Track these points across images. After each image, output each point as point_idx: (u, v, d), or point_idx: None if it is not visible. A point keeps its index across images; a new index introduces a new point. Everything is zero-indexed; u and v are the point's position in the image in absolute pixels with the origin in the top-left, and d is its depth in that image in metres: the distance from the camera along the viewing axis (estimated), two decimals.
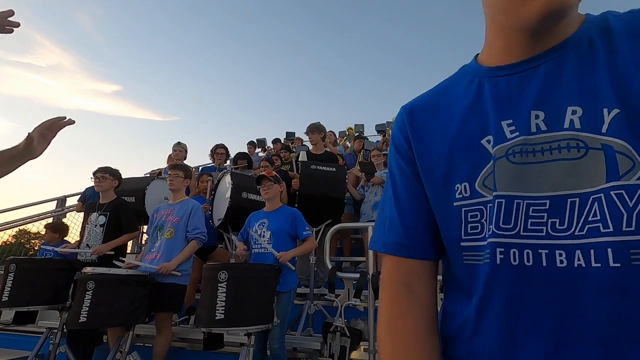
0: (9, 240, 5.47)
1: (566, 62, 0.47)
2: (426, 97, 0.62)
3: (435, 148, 0.55)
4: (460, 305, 0.53)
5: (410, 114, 0.61)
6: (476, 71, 0.56)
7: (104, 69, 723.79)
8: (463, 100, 0.55)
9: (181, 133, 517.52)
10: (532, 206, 0.44)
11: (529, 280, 0.43)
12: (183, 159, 4.80)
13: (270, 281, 2.40)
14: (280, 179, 2.94)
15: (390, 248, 0.60)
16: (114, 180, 3.29)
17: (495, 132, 0.49)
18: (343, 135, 8.19)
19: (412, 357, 0.53)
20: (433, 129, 0.57)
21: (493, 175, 0.48)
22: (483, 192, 0.49)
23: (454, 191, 0.52)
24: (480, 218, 0.49)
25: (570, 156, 0.43)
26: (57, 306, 2.86)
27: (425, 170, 0.56)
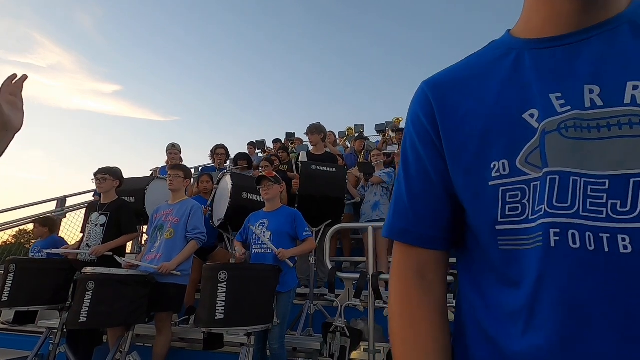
0: (9, 240, 5.48)
1: (621, 36, 0.43)
2: (453, 71, 0.56)
3: (467, 124, 0.50)
4: (504, 297, 0.47)
5: (435, 88, 0.55)
6: (512, 43, 0.51)
7: (104, 69, 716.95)
8: (499, 73, 0.50)
9: (181, 133, 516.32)
10: (590, 185, 0.40)
11: (590, 267, 0.39)
12: (178, 160, 4.79)
13: (270, 281, 2.40)
14: (280, 179, 2.94)
15: (398, 234, 0.57)
16: (114, 180, 3.29)
17: (542, 106, 0.45)
18: (343, 136, 8.19)
19: (423, 349, 0.51)
20: (463, 104, 0.52)
21: (540, 151, 0.43)
22: (526, 170, 0.44)
23: (489, 170, 0.47)
24: (522, 198, 0.44)
25: (633, 133, 0.39)
26: (57, 306, 2.86)
27: (453, 150, 0.51)
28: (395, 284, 0.57)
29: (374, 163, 4.25)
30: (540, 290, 0.42)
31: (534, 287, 0.42)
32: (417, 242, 0.55)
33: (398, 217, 0.57)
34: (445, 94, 0.54)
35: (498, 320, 0.47)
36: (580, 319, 0.39)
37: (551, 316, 0.41)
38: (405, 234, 0.56)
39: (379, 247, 3.63)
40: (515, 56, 0.50)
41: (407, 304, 0.55)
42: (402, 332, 0.54)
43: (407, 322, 0.54)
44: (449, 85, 0.55)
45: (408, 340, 0.53)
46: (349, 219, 4.36)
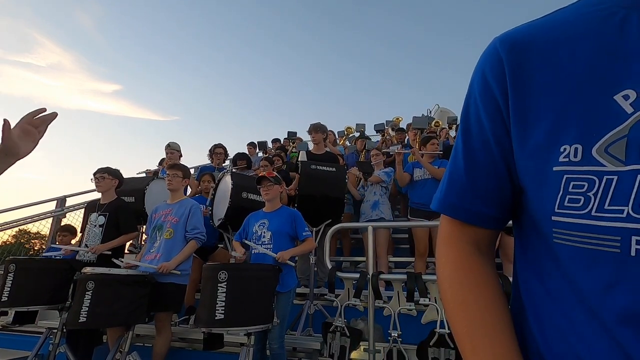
0: (9, 240, 5.48)
1: None
2: (537, 28, 0.46)
3: (544, 97, 0.43)
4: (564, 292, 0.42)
5: (511, 49, 0.46)
6: (621, 1, 0.41)
7: (104, 69, 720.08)
8: (594, 37, 0.41)
9: (181, 133, 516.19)
10: None
11: None
12: (177, 159, 4.76)
13: (270, 281, 2.40)
14: (280, 179, 2.94)
15: (450, 209, 0.53)
16: (113, 179, 3.29)
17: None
18: (342, 135, 8.19)
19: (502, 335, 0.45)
20: (544, 72, 0.43)
21: (628, 142, 0.36)
22: (602, 160, 0.38)
23: (558, 153, 0.40)
24: (588, 190, 0.38)
25: None
26: (57, 306, 2.86)
27: (522, 125, 0.44)
28: (449, 251, 0.53)
29: (374, 163, 4.25)
30: (605, 301, 0.37)
31: (600, 296, 0.38)
32: (473, 220, 0.51)
33: (454, 192, 0.52)
34: (523, 57, 0.45)
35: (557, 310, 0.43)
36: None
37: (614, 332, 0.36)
38: (460, 211, 0.52)
39: (379, 247, 3.63)
40: (622, 17, 0.40)
41: (467, 270, 0.50)
42: (461, 296, 0.49)
43: (466, 288, 0.49)
44: (529, 46, 0.45)
45: (469, 303, 0.48)
46: (349, 218, 4.36)
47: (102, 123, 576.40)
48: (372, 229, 2.74)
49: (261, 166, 4.94)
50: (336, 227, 3.01)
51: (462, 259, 0.51)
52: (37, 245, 7.31)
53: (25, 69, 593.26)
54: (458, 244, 0.52)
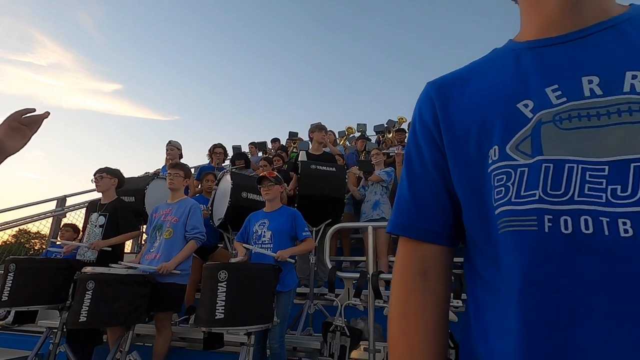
0: (9, 240, 5.48)
1: (619, 32, 0.46)
2: (456, 73, 0.59)
3: (468, 117, 0.52)
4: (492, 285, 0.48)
5: (438, 88, 0.58)
6: (512, 47, 0.54)
7: (105, 68, 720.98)
8: (499, 68, 0.53)
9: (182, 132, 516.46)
10: (589, 171, 0.41)
11: (587, 251, 0.39)
12: (177, 157, 4.75)
13: (270, 281, 2.40)
14: (281, 179, 2.95)
15: (401, 230, 0.58)
16: (112, 178, 3.28)
17: (537, 98, 0.47)
18: (343, 135, 8.19)
19: (424, 347, 0.53)
20: (464, 97, 0.54)
21: (532, 139, 0.45)
22: (514, 156, 0.46)
23: (487, 157, 0.49)
24: (507, 181, 0.45)
25: (632, 120, 0.40)
26: (57, 306, 2.86)
27: (453, 143, 0.53)
28: (395, 283, 0.58)
29: (374, 162, 4.25)
30: (530, 275, 0.42)
31: (526, 272, 0.42)
32: (420, 236, 0.56)
33: (401, 213, 0.59)
34: (447, 91, 0.56)
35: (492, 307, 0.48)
36: (571, 304, 0.39)
37: (541, 301, 0.41)
38: (409, 229, 0.57)
39: (379, 247, 3.63)
40: (516, 55, 0.52)
41: (403, 307, 0.56)
42: (396, 336, 0.56)
43: (402, 326, 0.55)
44: (451, 83, 0.57)
45: (401, 344, 0.55)
46: (349, 218, 4.36)
47: (102, 122, 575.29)
48: (372, 229, 2.74)
49: (260, 166, 4.94)
50: (336, 226, 3.01)
51: (403, 294, 0.57)
52: (37, 245, 7.31)
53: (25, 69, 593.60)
54: (404, 274, 0.57)
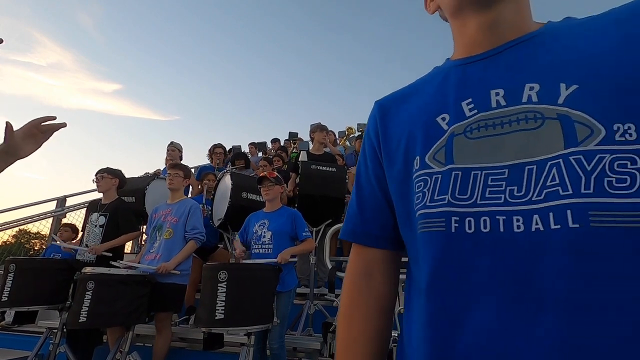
0: (9, 240, 5.48)
1: (526, 48, 0.51)
2: (397, 92, 0.66)
3: (398, 132, 0.59)
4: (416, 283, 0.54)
5: (381, 107, 0.65)
6: (445, 66, 0.60)
7: (105, 68, 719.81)
8: (428, 90, 0.59)
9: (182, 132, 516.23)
10: (491, 176, 0.46)
11: (484, 247, 0.44)
12: (178, 159, 4.75)
13: (270, 281, 2.40)
14: (281, 179, 2.95)
15: (350, 235, 0.65)
16: (112, 179, 3.27)
17: (453, 111, 0.52)
18: (343, 135, 8.19)
19: (361, 340, 0.59)
20: (398, 117, 0.61)
21: (446, 150, 0.50)
22: (431, 164, 0.51)
23: (413, 166, 0.54)
24: (424, 187, 0.51)
25: (528, 127, 0.45)
26: (57, 306, 2.86)
27: (389, 157, 0.59)
28: (345, 283, 0.65)
29: None
30: (439, 271, 0.47)
31: (435, 268, 0.48)
32: (365, 240, 0.63)
33: (349, 220, 0.66)
34: (387, 110, 0.63)
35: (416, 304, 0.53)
36: (469, 291, 0.44)
37: (447, 289, 0.47)
38: (355, 234, 0.64)
39: None
40: (444, 74, 0.58)
41: (348, 305, 0.62)
42: (341, 332, 0.62)
43: (346, 323, 0.61)
44: (391, 103, 0.64)
45: (343, 340, 0.61)
46: None
47: (102, 123, 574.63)
48: None
49: (260, 166, 4.94)
50: (336, 227, 3.01)
51: (349, 292, 0.63)
52: (37, 245, 7.30)
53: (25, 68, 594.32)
54: (351, 274, 0.64)
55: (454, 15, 0.58)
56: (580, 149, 0.41)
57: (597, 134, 0.41)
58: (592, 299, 0.38)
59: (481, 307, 0.43)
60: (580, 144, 0.41)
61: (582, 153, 0.41)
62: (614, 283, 0.37)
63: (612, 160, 0.40)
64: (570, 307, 0.38)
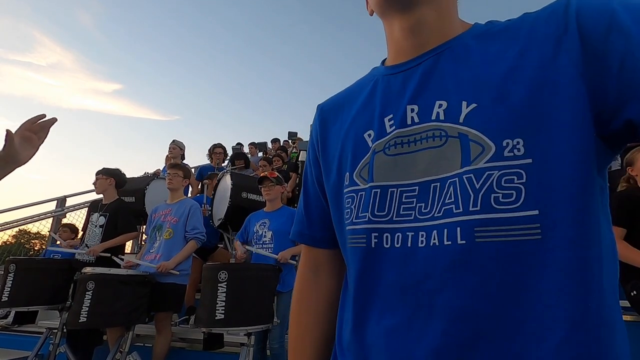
0: (9, 240, 5.47)
1: (441, 61, 0.51)
2: (337, 97, 0.66)
3: (334, 144, 0.60)
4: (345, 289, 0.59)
5: (321, 113, 0.66)
6: (378, 72, 0.60)
7: (105, 68, 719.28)
8: (360, 99, 0.60)
9: (182, 132, 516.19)
10: (405, 193, 0.48)
11: (394, 260, 0.47)
12: (179, 157, 4.75)
13: (271, 281, 2.40)
14: (282, 180, 2.95)
15: (297, 236, 0.69)
16: (108, 178, 3.26)
17: (377, 128, 0.53)
18: None
19: (309, 332, 0.63)
20: (332, 127, 0.62)
21: (369, 167, 0.52)
22: (358, 181, 0.53)
23: (344, 180, 0.56)
24: (351, 204, 0.53)
25: (435, 144, 0.47)
26: (57, 306, 2.86)
27: (326, 166, 0.61)
28: (296, 278, 0.69)
29: None
30: (359, 282, 0.51)
31: (357, 280, 0.51)
32: (310, 242, 0.67)
33: (298, 223, 0.69)
34: (326, 118, 0.64)
35: (341, 313, 0.58)
36: (374, 296, 0.49)
37: (360, 301, 0.51)
38: (302, 236, 0.68)
39: None
40: (374, 83, 0.58)
41: (297, 300, 0.67)
42: (292, 325, 0.66)
43: (295, 317, 0.66)
44: (328, 110, 0.65)
45: (293, 331, 0.66)
46: None
47: (102, 123, 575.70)
48: None
49: (260, 166, 4.94)
50: None
51: (298, 288, 0.68)
52: (37, 246, 7.30)
53: (25, 68, 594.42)
54: (300, 272, 0.68)
55: (382, 17, 0.58)
56: (472, 167, 0.43)
57: (488, 151, 0.42)
58: (473, 308, 0.41)
59: (387, 314, 0.47)
60: (472, 163, 0.43)
61: (472, 172, 0.43)
62: (498, 295, 0.40)
63: (499, 176, 0.41)
64: (453, 315, 0.42)
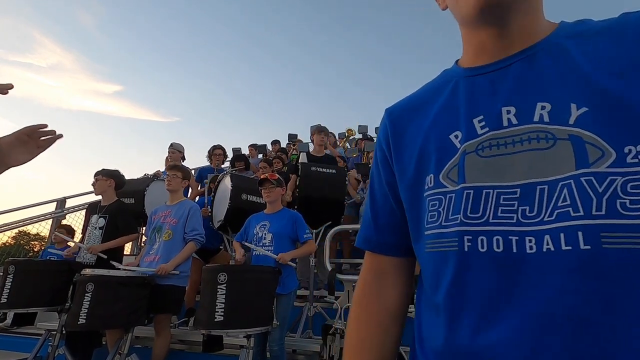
0: (9, 241, 5.47)
1: (536, 62, 0.49)
2: (408, 99, 0.65)
3: (411, 145, 0.58)
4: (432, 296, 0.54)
5: (391, 115, 0.64)
6: (454, 73, 0.59)
7: (105, 69, 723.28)
8: (439, 100, 0.58)
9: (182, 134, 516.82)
10: (503, 195, 0.46)
11: (495, 266, 0.44)
12: (180, 160, 4.76)
13: (270, 283, 2.40)
14: (282, 181, 2.95)
15: (364, 243, 0.66)
16: (107, 180, 3.26)
17: (465, 129, 0.52)
18: (343, 137, 8.19)
19: (368, 342, 0.61)
20: (408, 128, 0.60)
21: (458, 168, 0.50)
22: (445, 183, 0.51)
23: (424, 183, 0.54)
24: (438, 207, 0.51)
25: (539, 147, 0.45)
26: (56, 308, 2.85)
27: (401, 167, 0.59)
28: (357, 285, 0.66)
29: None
30: (455, 289, 0.48)
31: (451, 286, 0.48)
32: (378, 249, 0.64)
33: (364, 228, 0.67)
34: (397, 120, 0.63)
35: (428, 318, 0.54)
36: (486, 312, 0.44)
37: (464, 311, 0.47)
38: (369, 242, 0.65)
39: None
40: (453, 84, 0.57)
41: (358, 307, 0.64)
42: (350, 332, 0.63)
43: (354, 325, 0.63)
44: (400, 112, 0.63)
45: (349, 344, 0.62)
46: (349, 220, 4.35)
47: (102, 124, 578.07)
48: None
49: (260, 168, 4.94)
50: (336, 228, 3.00)
51: (360, 295, 0.65)
52: (37, 247, 7.29)
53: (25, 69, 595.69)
54: (363, 279, 0.66)
55: (464, 26, 0.56)
56: (592, 170, 0.41)
57: (609, 157, 0.40)
58: (599, 318, 0.38)
59: (496, 324, 0.43)
60: (592, 166, 0.41)
61: (593, 175, 0.40)
62: (622, 303, 0.38)
63: (624, 182, 0.39)
64: (577, 325, 0.39)
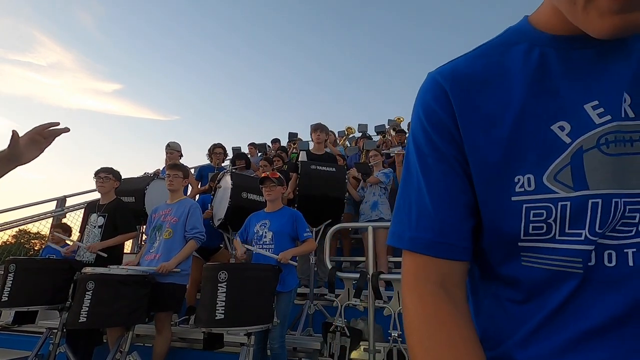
0: (9, 240, 5.47)
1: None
2: (469, 64, 0.49)
3: (491, 130, 0.45)
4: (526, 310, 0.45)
5: (453, 82, 0.48)
6: (534, 37, 0.45)
7: (105, 68, 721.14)
8: (522, 73, 0.44)
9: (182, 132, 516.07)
10: (629, 205, 0.38)
11: (611, 283, 0.38)
12: (178, 160, 4.75)
13: (270, 281, 2.40)
14: (283, 180, 2.95)
15: (422, 247, 0.48)
16: (115, 181, 3.31)
17: (574, 118, 0.41)
18: (342, 135, 8.18)
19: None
20: (486, 106, 0.45)
21: (573, 169, 0.40)
22: (553, 188, 0.40)
23: (513, 183, 0.43)
24: (547, 217, 0.41)
25: None
26: (57, 306, 2.86)
27: (476, 156, 0.45)
28: (413, 297, 0.48)
29: (372, 163, 4.25)
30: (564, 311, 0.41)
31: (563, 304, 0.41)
32: (448, 253, 0.47)
33: (423, 228, 0.48)
34: (465, 91, 0.47)
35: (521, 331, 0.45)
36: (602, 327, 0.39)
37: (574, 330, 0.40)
38: (434, 247, 0.47)
39: (379, 247, 3.63)
40: (539, 54, 0.44)
41: (434, 319, 0.45)
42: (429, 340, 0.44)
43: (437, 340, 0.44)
44: (468, 82, 0.47)
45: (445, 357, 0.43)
46: (349, 218, 4.36)
47: (102, 122, 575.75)
48: (372, 229, 2.74)
49: (261, 166, 4.94)
50: (336, 227, 3.01)
51: (428, 304, 0.46)
52: (37, 246, 7.29)
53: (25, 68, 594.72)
54: (422, 287, 0.47)
55: None
56: None
57: None
58: None
59: (606, 343, 0.39)
60: None
61: None
62: None
63: None
64: None
